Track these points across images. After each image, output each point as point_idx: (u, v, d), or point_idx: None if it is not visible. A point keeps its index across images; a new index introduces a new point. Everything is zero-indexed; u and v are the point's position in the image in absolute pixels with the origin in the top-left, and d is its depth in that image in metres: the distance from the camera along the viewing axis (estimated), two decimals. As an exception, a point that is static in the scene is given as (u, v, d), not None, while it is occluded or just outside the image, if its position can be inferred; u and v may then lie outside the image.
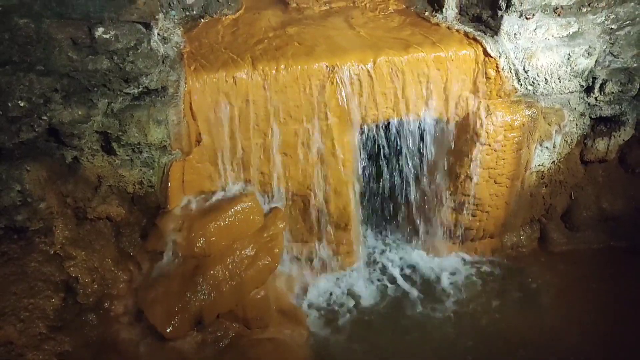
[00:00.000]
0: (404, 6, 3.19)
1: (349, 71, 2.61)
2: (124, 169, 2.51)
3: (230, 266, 2.62)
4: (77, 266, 2.45)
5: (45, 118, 2.23)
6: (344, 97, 2.65)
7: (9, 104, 2.13)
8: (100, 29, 2.18)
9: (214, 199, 2.71)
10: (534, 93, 2.91)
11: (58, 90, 2.21)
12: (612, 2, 2.80)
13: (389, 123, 2.87)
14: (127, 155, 2.48)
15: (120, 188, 2.56)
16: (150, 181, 2.57)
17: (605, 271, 3.25)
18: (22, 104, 2.15)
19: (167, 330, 2.47)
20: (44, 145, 2.32)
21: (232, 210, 2.64)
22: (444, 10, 2.99)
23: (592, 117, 3.12)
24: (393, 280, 3.28)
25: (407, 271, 3.34)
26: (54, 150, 2.36)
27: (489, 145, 2.87)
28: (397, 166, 3.13)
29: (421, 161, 3.04)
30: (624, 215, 3.34)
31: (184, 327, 2.52)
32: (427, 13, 3.06)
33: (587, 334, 2.88)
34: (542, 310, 3.04)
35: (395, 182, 3.24)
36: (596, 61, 2.90)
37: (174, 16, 2.85)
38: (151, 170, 2.55)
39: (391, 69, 2.65)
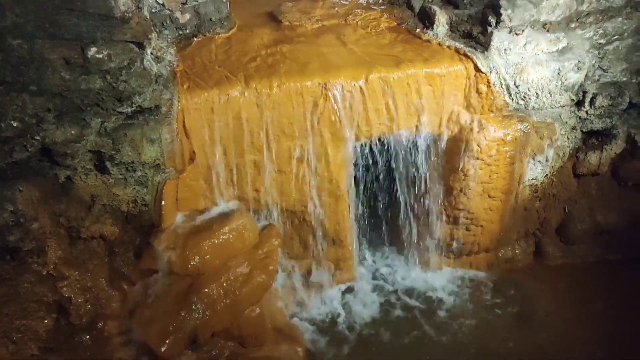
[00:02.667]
0: (395, 23, 3.23)
1: (342, 88, 2.63)
2: (117, 188, 2.50)
3: (224, 284, 2.60)
4: (70, 286, 2.44)
5: (38, 138, 2.23)
6: (337, 114, 2.67)
7: (2, 124, 2.13)
8: (93, 49, 2.19)
9: (208, 216, 2.70)
10: (525, 107, 2.93)
11: (51, 110, 2.22)
12: (600, 18, 2.85)
13: (382, 138, 2.88)
14: (121, 174, 2.48)
15: (114, 207, 2.55)
16: (144, 200, 2.57)
17: (601, 284, 3.25)
18: (15, 124, 2.15)
19: (162, 350, 2.44)
20: (36, 165, 2.32)
21: (226, 227, 2.63)
22: (434, 27, 3.02)
23: (584, 130, 3.14)
24: (389, 295, 3.27)
25: (403, 286, 3.32)
26: (47, 169, 2.35)
27: (482, 160, 2.89)
28: (392, 181, 3.14)
29: (415, 176, 3.05)
30: (618, 228, 3.35)
31: (178, 346, 2.49)
32: (418, 30, 3.09)
33: (583, 348, 2.87)
34: (538, 324, 3.03)
35: (390, 197, 3.25)
36: (586, 75, 2.94)
37: (167, 35, 2.87)
38: (145, 189, 2.55)
39: (383, 85, 2.67)
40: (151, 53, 2.51)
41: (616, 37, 2.91)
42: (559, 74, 2.86)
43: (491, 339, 2.97)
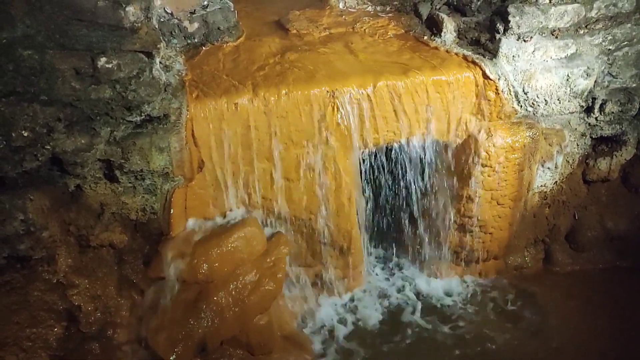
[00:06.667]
0: (403, 31, 3.23)
1: (350, 96, 2.63)
2: (126, 196, 2.52)
3: (233, 292, 2.60)
4: (79, 294, 2.44)
5: (48, 147, 2.24)
6: (345, 122, 2.67)
7: (13, 134, 2.14)
8: (103, 59, 2.21)
9: (216, 225, 2.71)
10: (534, 114, 2.92)
11: (61, 120, 2.23)
12: (609, 24, 2.84)
13: (390, 146, 2.88)
14: (130, 183, 2.49)
15: (123, 215, 2.56)
16: (152, 208, 2.58)
17: (612, 291, 3.22)
18: (25, 134, 2.16)
19: (171, 358, 2.44)
20: (47, 174, 2.33)
21: (235, 235, 2.63)
22: (442, 34, 3.02)
23: (593, 137, 3.13)
24: (397, 303, 3.25)
25: (411, 294, 3.31)
26: (57, 178, 2.36)
27: (491, 167, 2.88)
28: (400, 189, 3.14)
29: (423, 183, 3.04)
30: (629, 234, 3.32)
31: (187, 355, 2.49)
32: (425, 37, 3.10)
33: (594, 356, 2.84)
34: (548, 332, 3.01)
35: (398, 205, 3.24)
36: (595, 82, 2.92)
37: (176, 44, 2.89)
38: (154, 197, 2.56)
39: (391, 93, 2.67)
40: (160, 62, 2.53)
41: (625, 43, 2.89)
42: (567, 80, 2.85)
43: (500, 346, 2.94)
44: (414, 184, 3.03)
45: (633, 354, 2.83)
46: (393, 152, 2.91)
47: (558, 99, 2.89)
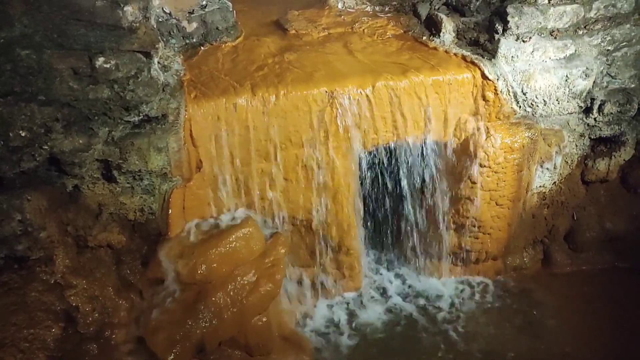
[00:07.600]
0: (402, 31, 3.23)
1: (349, 96, 2.63)
2: (124, 197, 2.51)
3: (231, 293, 2.60)
4: (77, 295, 2.43)
5: (46, 147, 2.24)
6: (344, 122, 2.66)
7: (11, 134, 2.14)
8: (101, 59, 2.21)
9: (214, 225, 2.71)
10: (533, 115, 2.92)
11: (59, 120, 2.22)
12: (608, 24, 2.84)
13: (389, 146, 2.88)
14: (128, 183, 2.48)
15: (121, 215, 2.55)
16: (151, 208, 2.57)
17: (611, 292, 3.22)
18: (23, 134, 2.16)
19: (169, 359, 2.44)
20: (44, 174, 2.32)
21: (233, 236, 2.63)
22: (441, 34, 3.02)
23: (592, 137, 3.13)
24: (395, 304, 3.25)
25: (410, 294, 3.31)
26: (54, 179, 2.36)
27: (489, 167, 2.87)
28: (399, 189, 3.13)
29: (422, 184, 3.04)
30: (628, 235, 3.32)
31: (185, 356, 2.49)
32: (424, 37, 3.09)
33: (593, 356, 2.84)
34: (547, 333, 3.01)
35: (397, 205, 3.24)
36: (594, 82, 2.92)
37: (174, 44, 2.88)
38: (152, 198, 2.55)
39: (390, 93, 2.67)
40: (158, 62, 2.52)
41: (624, 43, 2.90)
42: (566, 80, 2.85)
43: (499, 348, 2.94)
44: (413, 184, 3.03)
45: (633, 354, 2.83)
46: (392, 152, 2.91)
47: (557, 100, 2.89)
